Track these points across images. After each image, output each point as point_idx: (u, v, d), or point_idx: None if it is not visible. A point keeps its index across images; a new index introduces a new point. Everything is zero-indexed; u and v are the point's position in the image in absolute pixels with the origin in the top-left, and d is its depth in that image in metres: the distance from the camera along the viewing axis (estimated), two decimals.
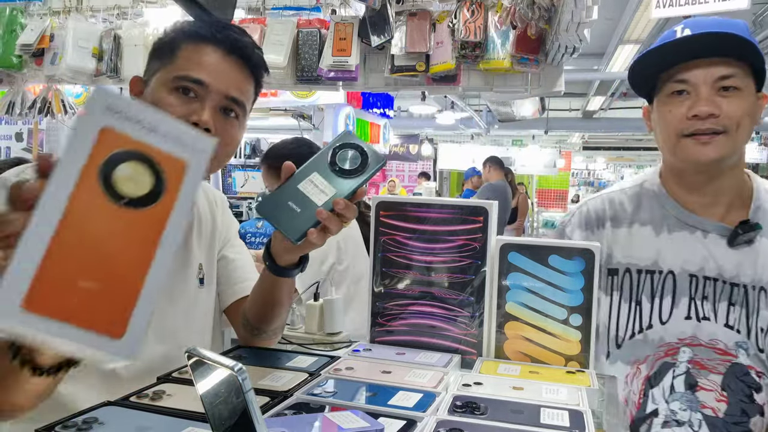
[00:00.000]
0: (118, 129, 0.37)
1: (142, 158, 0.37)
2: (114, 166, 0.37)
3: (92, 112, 0.37)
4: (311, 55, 1.71)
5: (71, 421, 0.56)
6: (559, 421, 0.59)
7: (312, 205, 0.64)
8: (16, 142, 4.30)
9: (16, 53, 2.00)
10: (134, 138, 0.37)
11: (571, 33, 1.40)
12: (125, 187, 0.37)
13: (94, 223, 0.36)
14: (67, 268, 0.35)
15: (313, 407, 0.61)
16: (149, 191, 0.38)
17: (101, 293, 0.36)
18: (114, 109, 0.37)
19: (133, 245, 0.37)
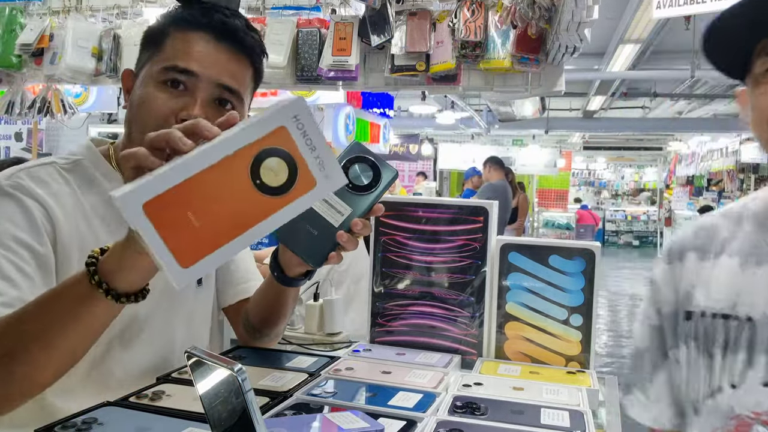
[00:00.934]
0: (291, 133, 0.47)
1: (290, 162, 0.47)
2: (269, 156, 0.46)
3: (283, 112, 0.47)
4: (311, 55, 1.71)
5: (71, 421, 0.56)
6: (559, 422, 0.59)
7: (329, 227, 0.63)
8: (15, 142, 4.30)
9: (16, 53, 1.99)
10: (296, 145, 0.47)
11: (572, 33, 1.40)
12: (266, 175, 0.46)
13: (227, 183, 0.45)
14: (188, 200, 0.45)
15: (312, 407, 0.61)
16: (277, 186, 0.47)
17: (196, 231, 0.45)
18: (299, 119, 0.47)
19: (239, 215, 0.46)
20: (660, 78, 6.03)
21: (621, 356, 4.17)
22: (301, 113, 0.47)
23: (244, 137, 0.45)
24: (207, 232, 0.45)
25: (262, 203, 0.46)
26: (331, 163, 0.48)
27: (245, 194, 0.46)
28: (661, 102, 7.51)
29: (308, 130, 0.47)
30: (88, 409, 0.60)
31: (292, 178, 0.47)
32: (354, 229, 0.63)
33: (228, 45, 0.73)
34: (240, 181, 0.45)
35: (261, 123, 0.46)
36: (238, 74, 0.74)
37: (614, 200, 13.82)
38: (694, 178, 10.09)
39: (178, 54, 0.71)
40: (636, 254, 11.23)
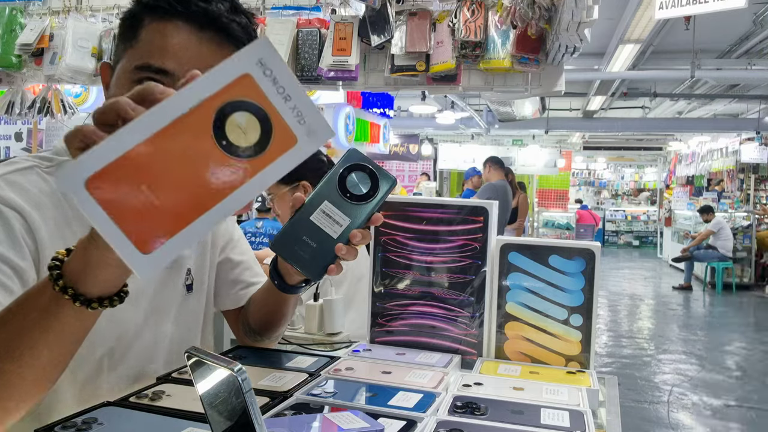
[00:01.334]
0: (257, 81, 0.38)
1: (261, 116, 0.39)
2: (233, 110, 0.38)
3: (244, 56, 0.38)
4: (311, 55, 1.71)
5: (70, 421, 0.56)
6: (559, 422, 0.59)
7: (328, 239, 0.60)
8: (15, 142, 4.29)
9: (16, 53, 1.99)
10: (266, 95, 0.39)
11: (572, 33, 1.40)
12: (232, 133, 0.38)
13: (186, 147, 0.38)
14: (140, 172, 0.37)
15: (313, 407, 0.61)
16: (248, 146, 0.39)
17: (156, 208, 0.38)
18: (265, 64, 0.38)
19: (207, 185, 0.38)
20: (660, 78, 6.03)
21: (621, 356, 4.17)
22: (267, 56, 0.38)
23: (199, 91, 0.37)
24: (169, 208, 0.38)
25: (233, 168, 0.38)
26: (313, 113, 0.39)
27: (211, 159, 0.38)
28: (661, 102, 7.52)
29: (279, 76, 0.38)
30: (88, 409, 0.59)
31: (266, 135, 0.39)
32: (353, 241, 0.60)
33: (211, 35, 0.63)
34: (203, 144, 0.38)
35: (219, 72, 0.38)
36: None
37: (614, 200, 13.82)
38: (694, 178, 10.09)
39: (152, 49, 0.62)
40: (636, 254, 11.23)
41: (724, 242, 6.94)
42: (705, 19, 3.51)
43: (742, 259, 7.27)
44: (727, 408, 3.20)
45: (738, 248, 7.19)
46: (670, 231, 9.26)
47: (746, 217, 7.63)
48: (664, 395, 3.36)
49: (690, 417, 3.08)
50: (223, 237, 0.87)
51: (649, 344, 4.54)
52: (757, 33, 4.71)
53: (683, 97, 6.84)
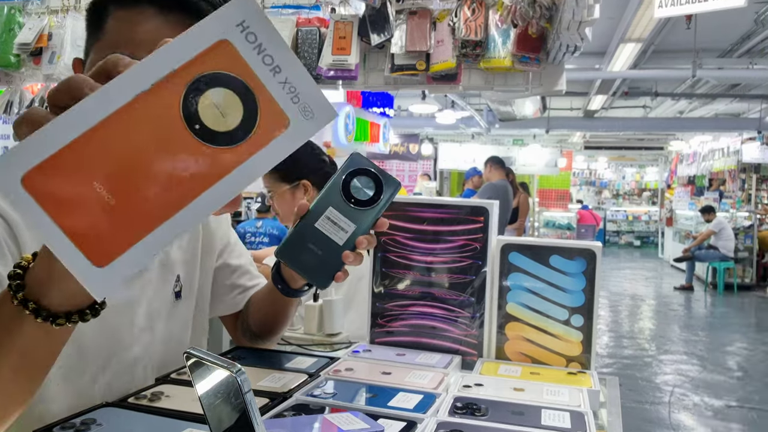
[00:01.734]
0: (238, 49, 0.30)
1: (243, 93, 0.31)
2: (208, 86, 0.30)
3: (221, 17, 0.30)
4: (311, 54, 1.71)
5: (69, 422, 0.55)
6: (560, 423, 0.59)
7: (334, 246, 0.59)
8: (14, 142, 4.29)
9: (14, 52, 1.99)
10: (250, 67, 0.30)
11: (573, 32, 1.39)
12: (207, 114, 0.30)
13: (148, 134, 0.30)
14: (92, 165, 0.29)
15: (312, 408, 0.61)
16: (228, 131, 0.31)
17: (110, 210, 0.30)
18: (248, 27, 0.30)
19: (176, 179, 0.31)
20: (661, 77, 6.03)
21: (622, 357, 4.17)
22: (251, 17, 0.30)
23: (165, 61, 0.29)
24: (130, 209, 0.30)
25: (209, 158, 0.31)
26: (310, 89, 0.32)
27: (182, 147, 0.30)
28: (663, 101, 7.51)
29: (265, 42, 0.30)
30: (87, 409, 0.59)
31: (250, 116, 0.31)
32: (359, 247, 0.59)
33: (179, 17, 0.58)
34: (170, 128, 0.30)
35: (189, 38, 0.30)
36: None
37: (615, 200, 13.81)
38: (696, 178, 10.08)
39: (120, 39, 0.58)
40: (637, 254, 11.22)
41: (726, 242, 6.93)
42: (706, 18, 3.51)
43: (744, 259, 7.26)
44: (728, 409, 3.20)
45: (739, 248, 7.18)
46: (671, 231, 9.25)
47: (748, 217, 7.63)
48: (665, 396, 3.36)
49: (691, 418, 3.07)
50: (221, 241, 0.85)
51: (651, 345, 4.54)
52: (758, 32, 4.70)
53: (684, 97, 6.83)
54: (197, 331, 0.82)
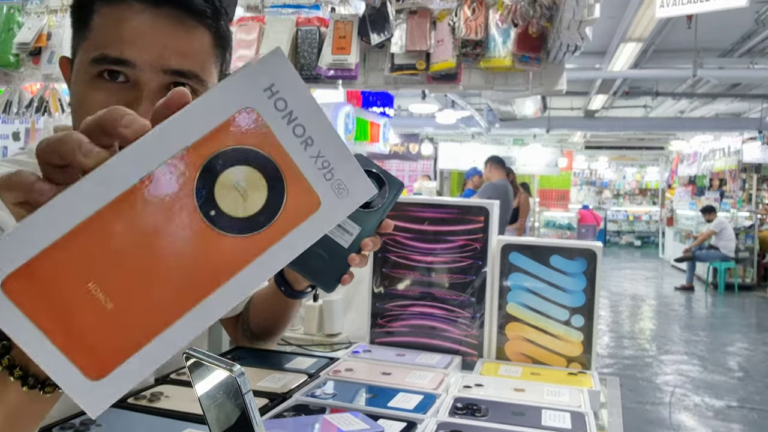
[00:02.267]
0: (265, 119, 0.25)
1: (269, 171, 0.26)
2: (227, 165, 0.25)
3: (246, 82, 0.25)
4: (310, 54, 1.70)
5: (68, 422, 0.55)
6: (560, 423, 0.58)
7: (340, 249, 0.58)
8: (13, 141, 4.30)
9: (14, 52, 1.99)
10: (277, 140, 0.25)
11: (573, 31, 1.39)
12: (224, 198, 0.26)
13: (155, 224, 0.25)
14: (86, 264, 0.25)
15: (312, 409, 0.61)
16: (248, 216, 0.26)
17: (107, 316, 0.25)
18: (276, 93, 0.25)
19: (185, 277, 0.26)
20: (662, 77, 6.02)
21: (623, 357, 4.17)
22: (281, 80, 0.25)
23: (178, 136, 0.24)
24: (129, 314, 0.25)
25: (228, 250, 0.26)
26: (345, 162, 0.27)
27: (191, 238, 0.25)
28: (663, 101, 7.50)
29: (296, 109, 0.25)
30: None
31: (275, 198, 0.26)
32: (364, 250, 0.58)
33: (168, 11, 0.55)
34: (181, 216, 0.25)
35: (209, 104, 0.25)
36: (190, 49, 0.56)
37: (616, 200, 13.81)
38: (696, 178, 10.07)
39: (107, 38, 0.55)
40: (638, 254, 11.21)
41: (727, 242, 6.92)
42: (707, 18, 3.50)
43: (745, 259, 7.25)
44: (729, 409, 3.19)
45: (740, 248, 7.17)
46: (672, 231, 9.25)
47: (749, 217, 7.62)
48: (665, 396, 3.35)
49: (692, 418, 3.07)
50: None
51: (651, 345, 4.53)
52: (759, 32, 4.70)
53: (685, 96, 6.83)
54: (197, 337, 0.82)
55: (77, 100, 0.57)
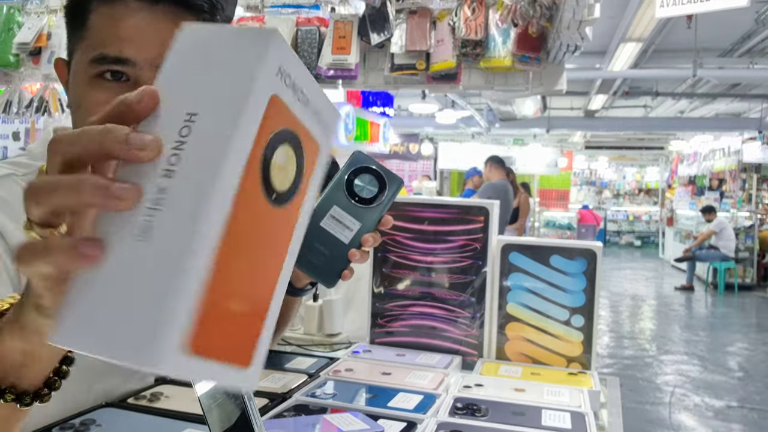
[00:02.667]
0: (284, 99, 0.27)
1: (294, 141, 0.28)
2: (273, 151, 0.27)
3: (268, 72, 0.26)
4: (310, 54, 1.70)
5: (68, 422, 0.55)
6: (560, 423, 0.58)
7: (340, 245, 0.60)
8: (13, 141, 4.30)
9: (13, 52, 1.99)
10: (293, 113, 0.28)
11: (573, 31, 1.39)
12: (276, 179, 0.27)
13: (251, 228, 0.26)
14: (226, 290, 0.25)
15: (312, 409, 0.61)
16: (291, 184, 0.29)
17: (242, 316, 0.27)
18: (284, 71, 0.27)
19: (270, 254, 0.28)
20: (662, 77, 6.02)
21: (623, 357, 4.17)
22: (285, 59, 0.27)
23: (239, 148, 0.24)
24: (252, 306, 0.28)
25: (282, 219, 0.28)
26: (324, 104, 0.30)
27: (268, 224, 0.27)
28: (663, 101, 7.50)
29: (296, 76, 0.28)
30: (87, 410, 0.59)
31: (300, 161, 0.29)
32: (364, 245, 0.59)
33: (165, 7, 0.56)
34: (261, 213, 0.27)
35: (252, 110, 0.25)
36: None
37: (616, 200, 13.81)
38: (696, 178, 10.07)
39: (105, 37, 0.55)
40: (638, 254, 11.21)
41: (726, 242, 6.92)
42: (707, 17, 3.50)
43: (745, 259, 7.25)
44: (729, 409, 3.19)
45: (740, 248, 7.17)
46: (672, 231, 9.25)
47: (748, 217, 7.62)
48: (665, 396, 3.35)
49: (692, 418, 3.07)
50: None
51: (651, 345, 4.53)
52: (759, 32, 4.70)
53: (685, 96, 6.83)
54: None
55: (77, 101, 0.58)
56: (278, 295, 0.29)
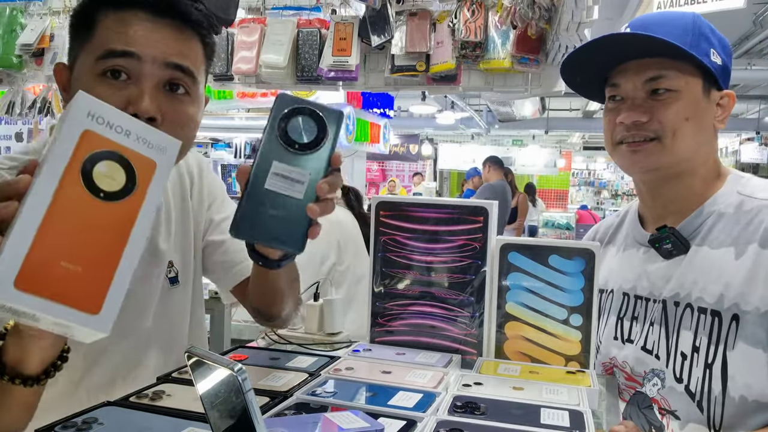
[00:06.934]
0: (98, 132, 0.44)
1: (117, 158, 0.44)
2: (93, 164, 0.43)
3: (75, 116, 0.43)
4: (311, 55, 1.71)
5: (71, 421, 0.56)
6: (559, 422, 0.59)
7: (295, 203, 0.53)
8: (16, 142, 4.30)
9: (16, 53, 1.99)
10: (111, 140, 0.44)
11: (572, 33, 1.40)
12: (103, 182, 0.43)
13: (75, 213, 0.42)
14: (52, 252, 0.41)
15: (313, 407, 0.61)
16: (123, 187, 0.44)
17: (81, 275, 0.42)
18: (94, 114, 0.44)
19: (109, 233, 0.44)
20: None
21: None
22: (92, 106, 0.44)
23: (57, 163, 0.42)
24: (92, 269, 0.42)
25: (121, 210, 0.44)
26: (153, 134, 0.46)
27: (100, 212, 0.43)
28: None
29: (109, 118, 0.44)
30: (89, 408, 0.59)
31: (130, 171, 0.44)
32: (321, 195, 0.53)
33: (170, 21, 0.62)
34: (87, 204, 0.42)
35: (62, 141, 0.42)
36: (187, 51, 0.63)
37: (614, 200, 13.82)
38: None
39: (112, 36, 0.61)
40: None
41: None
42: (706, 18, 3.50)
43: None
44: None
45: None
46: None
47: None
48: None
49: None
50: (204, 223, 0.85)
51: None
52: (756, 33, 4.71)
53: None
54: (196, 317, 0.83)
55: None
56: (125, 265, 0.43)
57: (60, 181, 0.42)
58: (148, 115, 0.61)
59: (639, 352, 0.81)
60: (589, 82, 0.87)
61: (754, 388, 0.69)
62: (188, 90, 0.65)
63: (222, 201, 0.88)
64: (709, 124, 0.79)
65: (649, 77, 0.77)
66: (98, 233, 0.43)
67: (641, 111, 0.78)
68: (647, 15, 0.85)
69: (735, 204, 0.77)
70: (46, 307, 0.40)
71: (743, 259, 0.73)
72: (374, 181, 9.11)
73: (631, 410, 0.81)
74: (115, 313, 0.43)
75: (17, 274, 0.39)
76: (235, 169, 6.72)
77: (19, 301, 0.39)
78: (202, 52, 0.67)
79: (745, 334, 0.70)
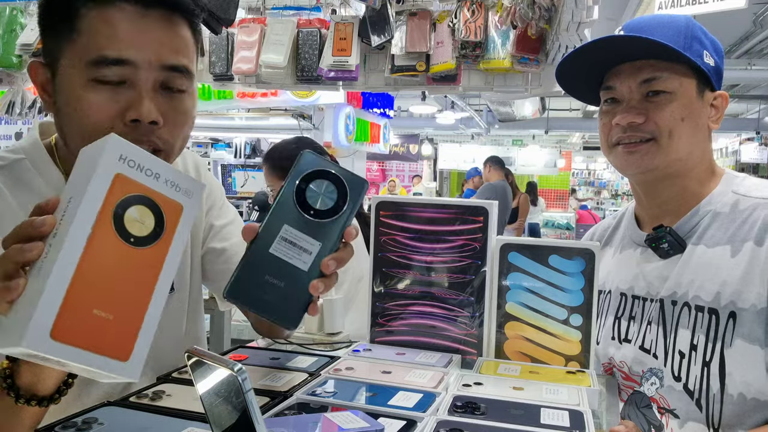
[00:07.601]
0: (129, 176, 0.44)
1: (147, 203, 0.44)
2: (125, 209, 0.43)
3: (108, 160, 0.43)
4: (311, 55, 1.71)
5: (71, 421, 0.56)
6: (559, 422, 0.59)
7: (298, 274, 0.48)
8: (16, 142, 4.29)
9: (16, 53, 1.99)
10: (142, 184, 0.44)
11: (572, 33, 1.40)
12: (133, 228, 0.44)
13: (107, 260, 0.43)
14: (86, 301, 0.42)
15: (313, 407, 0.61)
16: (151, 231, 0.44)
17: (112, 323, 0.42)
18: (126, 158, 0.44)
19: (138, 278, 0.44)
20: None
21: None
22: (124, 149, 0.44)
23: (90, 208, 0.42)
24: (122, 316, 0.43)
25: (150, 255, 0.44)
26: (180, 178, 0.46)
27: (130, 258, 0.43)
28: None
29: (140, 161, 0.44)
30: (89, 408, 0.59)
31: (158, 216, 0.45)
32: (326, 271, 0.48)
33: (159, 12, 0.58)
34: (117, 250, 0.43)
35: (95, 185, 0.42)
36: (181, 45, 0.60)
37: (614, 200, 13.82)
38: None
39: (101, 40, 0.56)
40: None
41: None
42: (705, 19, 3.51)
43: None
44: None
45: None
46: None
47: None
48: None
49: None
50: (204, 230, 0.84)
51: None
52: (757, 33, 4.71)
53: None
54: (194, 324, 0.83)
55: (72, 106, 0.58)
56: (153, 311, 0.44)
57: (93, 227, 0.42)
58: (150, 119, 0.58)
59: (637, 352, 0.81)
60: (584, 85, 0.88)
61: (752, 385, 0.70)
62: (184, 88, 0.62)
63: (221, 206, 0.87)
64: (703, 124, 0.80)
65: (644, 79, 0.78)
66: (127, 279, 0.43)
67: (637, 112, 0.78)
68: (641, 18, 0.84)
69: (730, 203, 0.78)
70: (79, 356, 0.41)
71: (739, 257, 0.73)
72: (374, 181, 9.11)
73: (630, 410, 0.81)
74: (143, 359, 0.44)
75: (53, 325, 0.40)
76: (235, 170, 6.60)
77: (54, 352, 0.40)
78: (193, 39, 0.63)
79: (743, 331, 0.70)
